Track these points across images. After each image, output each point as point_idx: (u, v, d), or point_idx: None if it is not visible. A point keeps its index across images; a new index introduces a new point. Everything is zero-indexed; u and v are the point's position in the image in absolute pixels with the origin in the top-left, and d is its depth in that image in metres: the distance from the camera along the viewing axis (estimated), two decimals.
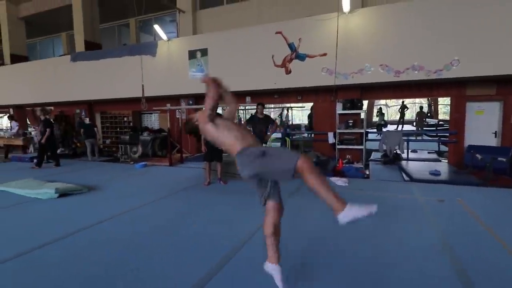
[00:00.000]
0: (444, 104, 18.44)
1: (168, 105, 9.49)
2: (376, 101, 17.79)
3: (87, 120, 10.43)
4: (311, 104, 11.36)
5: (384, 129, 12.90)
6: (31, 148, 10.46)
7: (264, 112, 5.60)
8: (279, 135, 8.91)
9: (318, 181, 1.66)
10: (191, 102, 9.23)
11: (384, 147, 7.18)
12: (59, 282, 2.28)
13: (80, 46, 10.54)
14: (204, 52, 8.01)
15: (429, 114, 16.90)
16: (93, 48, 10.46)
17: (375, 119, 15.96)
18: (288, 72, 7.12)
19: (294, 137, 9.50)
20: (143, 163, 7.69)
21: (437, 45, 5.91)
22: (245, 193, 4.77)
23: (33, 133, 11.14)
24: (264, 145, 5.56)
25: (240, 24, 7.89)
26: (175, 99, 9.38)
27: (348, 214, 1.65)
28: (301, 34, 6.94)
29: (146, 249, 2.82)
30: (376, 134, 10.83)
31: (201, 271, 2.35)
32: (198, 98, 9.24)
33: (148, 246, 2.90)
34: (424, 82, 6.52)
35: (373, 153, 8.34)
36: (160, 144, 9.39)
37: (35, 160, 7.68)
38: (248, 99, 8.61)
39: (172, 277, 2.32)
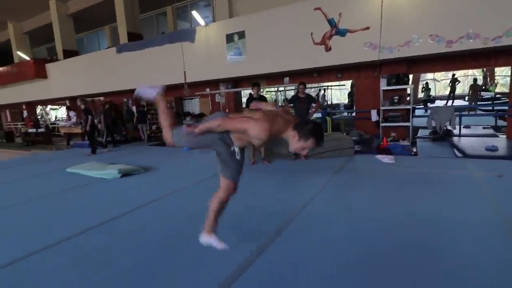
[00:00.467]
0: (502, 75, 16.78)
1: (208, 89, 9.86)
2: (422, 75, 16.71)
3: (133, 108, 11.21)
4: (350, 81, 11.09)
5: (431, 105, 12.19)
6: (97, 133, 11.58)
7: (305, 92, 5.63)
8: (319, 115, 8.85)
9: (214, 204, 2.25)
10: (229, 86, 9.46)
11: (433, 124, 6.86)
12: (132, 247, 2.65)
13: (123, 38, 11.16)
14: (241, 34, 8.11)
15: (484, 87, 15.54)
16: (135, 38, 11.02)
17: (421, 95, 15.06)
18: (328, 49, 7.00)
19: (334, 116, 9.38)
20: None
21: (495, 8, 5.43)
22: (289, 172, 4.95)
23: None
24: None
25: (277, 3, 7.82)
26: (214, 83, 9.67)
27: (205, 239, 2.22)
28: (341, 9, 6.73)
29: (200, 222, 3.13)
30: (424, 111, 10.30)
31: (255, 243, 2.57)
32: (237, 82, 9.45)
33: (203, 219, 3.21)
34: (480, 51, 6.04)
35: (420, 130, 8.01)
36: None
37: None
38: (286, 79, 8.64)
39: (234, 243, 2.58)
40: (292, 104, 5.78)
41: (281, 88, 9.68)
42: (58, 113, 19.63)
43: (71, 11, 13.29)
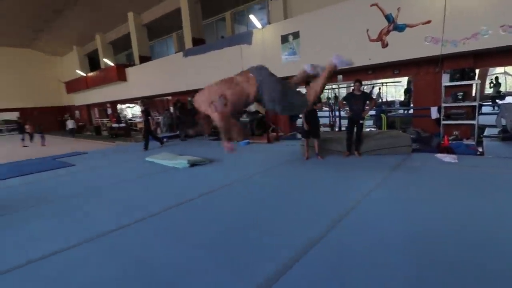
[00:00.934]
0: None
1: None
2: (490, 69, 14.74)
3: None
4: (407, 78, 10.30)
5: (501, 102, 10.74)
6: (159, 130, 12.66)
7: (360, 89, 5.43)
8: (373, 112, 8.43)
9: None
10: None
11: (503, 122, 6.07)
12: (206, 222, 2.92)
13: (188, 43, 11.91)
14: (296, 35, 8.09)
15: None
16: (199, 43, 11.67)
17: (489, 90, 13.32)
18: (384, 45, 6.63)
19: (389, 114, 8.85)
20: (247, 141, 8.46)
21: None
22: (343, 168, 4.86)
23: (156, 118, 13.41)
24: (360, 121, 5.46)
25: (332, 2, 7.60)
26: None
27: None
28: (399, 3, 6.31)
29: (264, 208, 3.28)
30: (492, 108, 9.13)
31: (311, 233, 2.62)
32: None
33: (266, 205, 3.36)
34: None
35: (487, 128, 7.15)
36: (257, 124, 10.06)
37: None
38: (339, 77, 8.39)
39: (288, 233, 2.68)
40: (345, 102, 5.63)
41: (334, 86, 9.42)
42: (133, 110, 21.68)
43: (145, 21, 14.55)
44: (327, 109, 10.22)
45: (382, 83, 10.15)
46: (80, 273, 2.19)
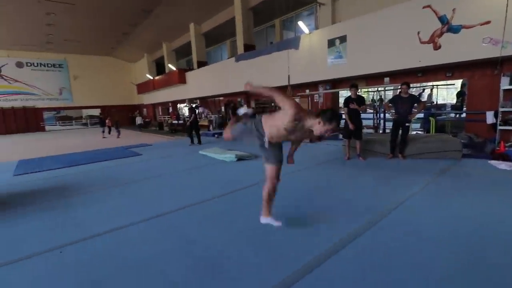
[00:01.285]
0: None
1: (307, 90, 9.94)
2: None
3: (245, 106, 12.24)
4: (461, 80, 9.30)
5: None
6: (211, 127, 13.33)
7: (408, 92, 5.09)
8: (421, 115, 7.82)
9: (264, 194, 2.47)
10: (328, 87, 9.31)
11: None
12: (248, 212, 3.06)
13: (240, 49, 12.30)
14: (343, 39, 7.86)
15: None
16: (250, 49, 11.98)
17: None
18: (437, 47, 6.11)
19: (440, 117, 8.11)
20: None
21: None
22: (386, 170, 4.64)
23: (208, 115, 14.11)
24: (407, 124, 5.13)
25: (381, 5, 7.22)
26: (314, 85, 9.68)
27: (263, 220, 2.54)
28: (454, 4, 5.75)
29: (303, 204, 3.32)
30: None
31: (348, 230, 2.60)
32: (335, 83, 9.22)
33: (305, 201, 3.40)
34: None
35: None
36: None
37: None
38: (386, 80, 7.95)
39: (325, 228, 2.69)
40: (391, 104, 5.34)
41: (380, 89, 8.93)
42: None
43: (203, 31, 15.38)
44: (371, 111, 9.73)
45: (433, 85, 9.30)
46: (138, 247, 2.47)
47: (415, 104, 5.05)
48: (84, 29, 16.13)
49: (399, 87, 5.34)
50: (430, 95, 10.31)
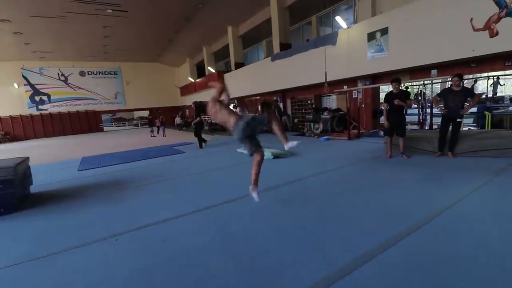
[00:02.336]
0: None
1: (345, 87, 9.52)
2: None
3: (281, 105, 12.20)
4: None
5: None
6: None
7: (461, 85, 4.57)
8: (474, 109, 6.99)
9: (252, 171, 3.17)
10: (367, 82, 8.81)
11: None
12: (287, 209, 3.02)
13: (276, 48, 12.22)
14: (384, 31, 7.35)
15: None
16: (285, 48, 11.83)
17: None
18: (493, 34, 5.40)
19: (496, 111, 7.18)
20: (326, 137, 8.23)
21: None
22: (432, 168, 4.25)
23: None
24: (458, 120, 4.63)
25: None
26: (352, 81, 9.23)
27: (250, 188, 3.12)
28: None
29: (343, 203, 3.18)
30: None
31: (391, 232, 2.41)
32: (375, 78, 8.69)
33: (345, 200, 3.25)
34: None
35: None
36: (338, 121, 9.65)
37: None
38: (433, 72, 7.26)
39: (366, 229, 2.54)
40: (440, 98, 4.86)
41: (427, 82, 8.19)
42: None
43: (241, 33, 15.59)
44: (415, 106, 9.00)
45: (489, 76, 8.25)
46: (183, 239, 2.59)
47: (469, 98, 4.52)
48: (134, 39, 17.42)
49: (450, 79, 4.84)
50: (496, 82, 9.06)
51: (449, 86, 4.74)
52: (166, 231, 2.74)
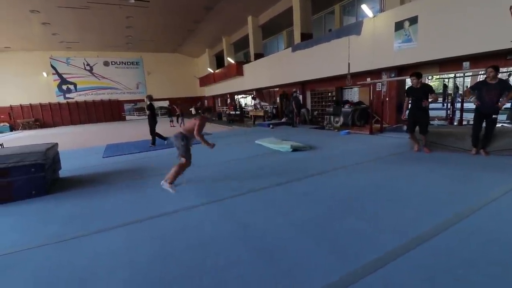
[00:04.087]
0: None
1: (368, 79, 9.15)
2: None
3: (300, 97, 11.98)
4: None
5: None
6: (265, 118, 13.40)
7: (497, 77, 4.23)
8: (509, 104, 6.53)
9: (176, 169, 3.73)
10: (393, 74, 8.42)
11: None
12: (305, 203, 2.97)
13: (297, 38, 11.92)
14: (413, 20, 6.94)
15: None
16: (307, 38, 11.52)
17: None
18: None
19: None
20: (347, 131, 8.01)
21: None
22: (462, 166, 4.01)
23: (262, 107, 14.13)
24: (494, 116, 4.32)
25: None
26: (376, 73, 8.86)
27: (165, 186, 3.71)
28: None
29: (365, 200, 3.08)
30: None
31: (417, 231, 2.30)
32: (401, 70, 8.28)
33: (367, 197, 3.15)
34: None
35: None
36: (359, 115, 9.35)
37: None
38: (465, 64, 6.80)
39: (390, 226, 2.44)
40: (472, 91, 4.54)
41: (459, 74, 7.72)
42: (246, 100, 23.56)
43: (260, 22, 15.34)
44: (441, 100, 8.54)
45: None
46: (200, 228, 2.62)
47: (506, 92, 4.18)
48: (156, 29, 17.64)
49: (484, 71, 4.50)
50: None
51: (484, 78, 4.41)
52: (185, 220, 2.78)
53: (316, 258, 1.98)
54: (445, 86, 9.55)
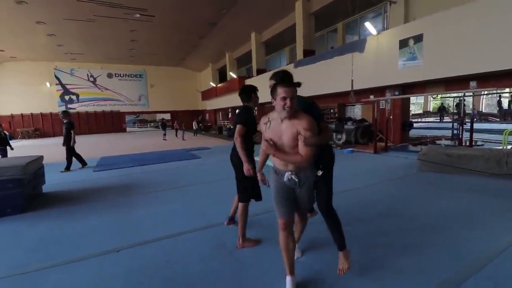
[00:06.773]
0: None
1: (372, 96, 8.95)
2: None
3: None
4: None
5: None
6: None
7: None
8: None
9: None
10: (397, 92, 8.20)
11: None
12: None
13: (299, 55, 11.86)
14: (418, 38, 6.79)
15: None
16: (309, 54, 11.45)
17: None
18: None
19: None
20: (350, 149, 7.69)
21: None
22: (489, 193, 3.64)
23: None
24: None
25: (463, 0, 6.01)
26: (380, 90, 8.65)
27: None
28: None
29: (373, 231, 2.72)
30: None
31: (440, 274, 1.94)
32: (405, 88, 8.07)
33: (374, 228, 2.78)
34: None
35: None
36: (362, 132, 9.05)
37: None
38: (473, 84, 6.57)
39: (407, 269, 2.07)
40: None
41: (468, 94, 7.48)
42: None
43: (264, 39, 15.41)
44: (448, 119, 8.26)
45: None
46: (186, 262, 2.26)
47: None
48: (160, 43, 17.77)
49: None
50: None
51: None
52: (169, 251, 2.41)
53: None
54: (443, 108, 9.32)
